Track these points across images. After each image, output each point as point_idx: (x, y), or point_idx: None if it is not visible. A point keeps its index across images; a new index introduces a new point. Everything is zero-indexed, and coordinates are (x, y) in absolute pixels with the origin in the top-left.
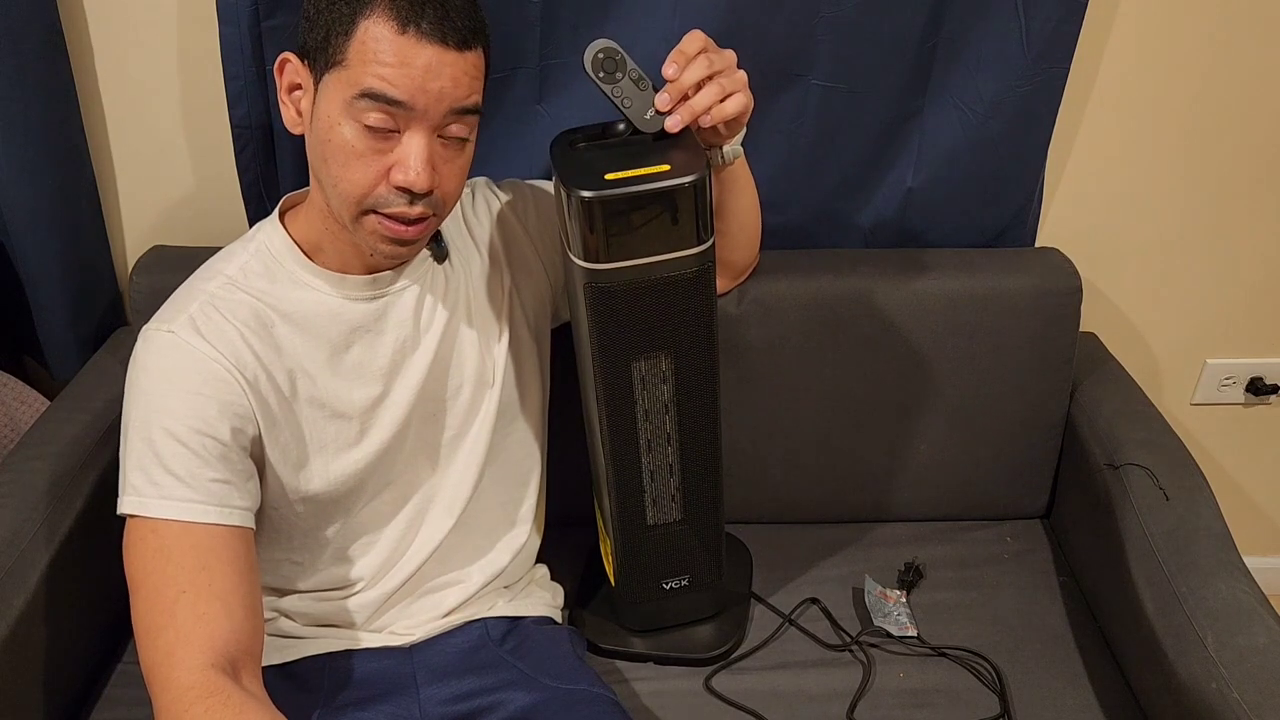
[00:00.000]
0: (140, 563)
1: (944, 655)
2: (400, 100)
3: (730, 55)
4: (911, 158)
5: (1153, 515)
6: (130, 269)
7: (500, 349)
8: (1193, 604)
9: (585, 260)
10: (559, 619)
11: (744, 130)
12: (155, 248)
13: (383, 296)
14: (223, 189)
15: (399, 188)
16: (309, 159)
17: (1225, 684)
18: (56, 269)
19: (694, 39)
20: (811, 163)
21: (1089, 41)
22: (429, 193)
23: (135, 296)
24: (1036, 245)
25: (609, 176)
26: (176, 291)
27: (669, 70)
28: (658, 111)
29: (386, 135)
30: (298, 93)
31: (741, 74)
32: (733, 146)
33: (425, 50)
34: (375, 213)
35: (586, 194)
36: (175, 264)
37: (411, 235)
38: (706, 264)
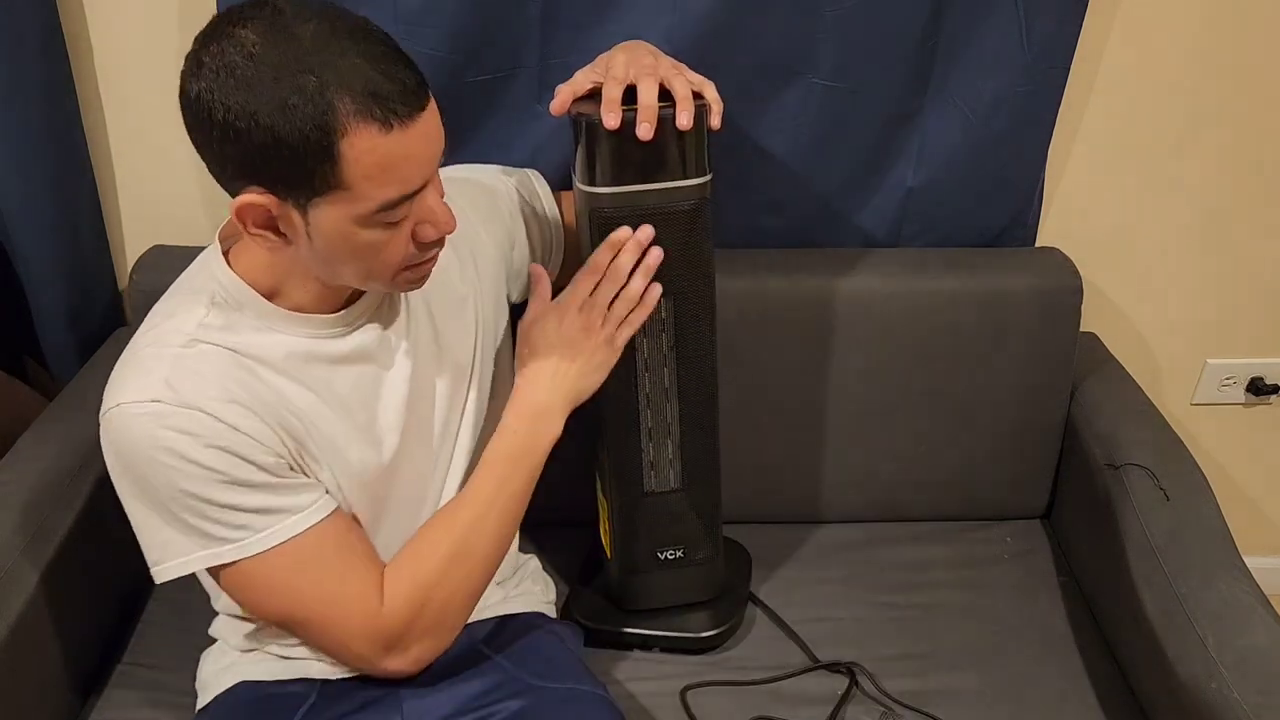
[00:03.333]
0: (282, 581)
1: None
2: (418, 189)
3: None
4: (911, 158)
5: (1153, 515)
6: (130, 269)
7: (471, 344)
8: (1193, 604)
9: (589, 185)
10: (552, 614)
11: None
12: (155, 248)
13: (353, 330)
14: (222, 189)
15: (431, 242)
16: (307, 260)
17: (1225, 684)
18: (56, 269)
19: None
20: (811, 163)
21: (1089, 41)
22: None
23: (135, 296)
24: (1036, 245)
25: None
26: (129, 358)
27: (609, 120)
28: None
29: None
30: (269, 218)
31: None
32: None
33: (412, 130)
34: (409, 268)
35: (593, 116)
36: (175, 264)
37: (434, 263)
38: (703, 198)
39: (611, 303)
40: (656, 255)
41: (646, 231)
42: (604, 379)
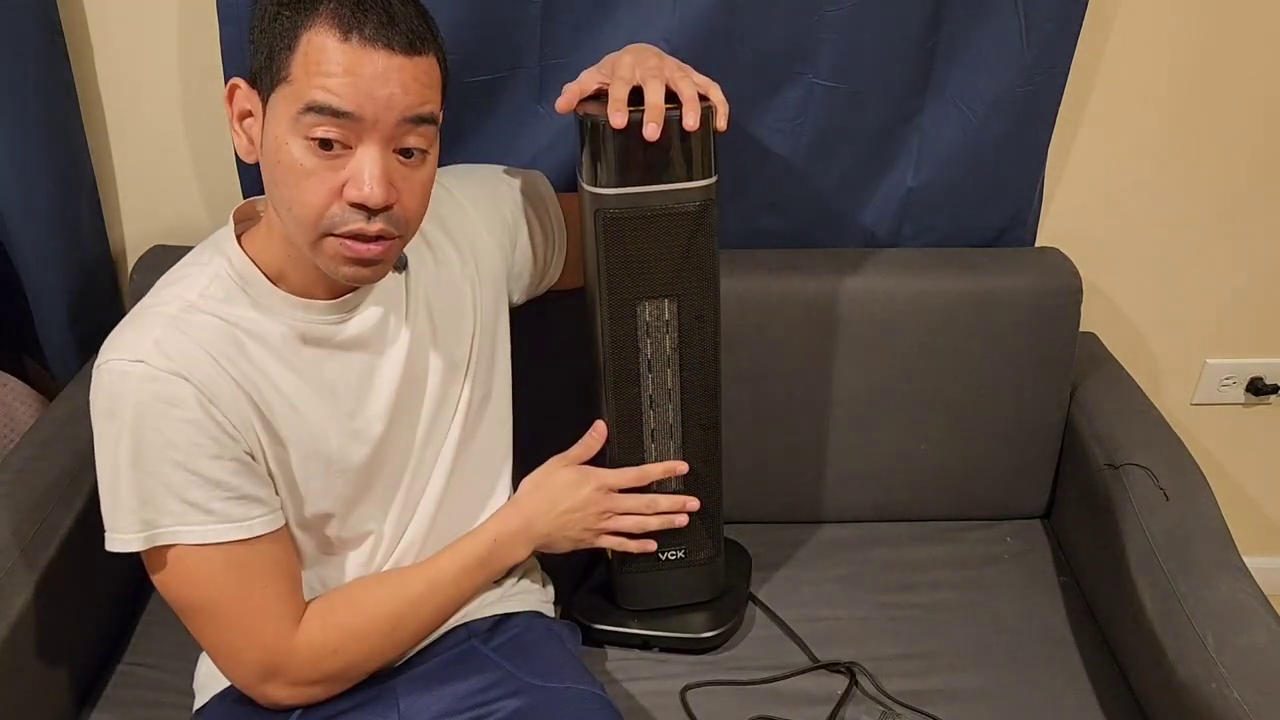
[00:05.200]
0: (205, 574)
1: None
2: (347, 111)
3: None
4: (911, 158)
5: (1153, 515)
6: (130, 269)
7: (466, 341)
8: (1193, 604)
9: (594, 185)
10: (551, 613)
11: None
12: (155, 248)
13: (351, 318)
14: (223, 189)
15: (354, 204)
16: (265, 186)
17: (1225, 684)
18: (56, 269)
19: (618, 84)
20: (811, 163)
21: (1089, 41)
22: (386, 208)
23: (135, 296)
24: (1036, 245)
25: None
26: (129, 319)
27: (616, 119)
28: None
29: (338, 153)
30: (249, 120)
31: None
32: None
33: (371, 56)
34: (333, 235)
35: (599, 117)
36: (175, 264)
37: (373, 254)
38: (709, 200)
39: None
40: (682, 521)
41: (694, 504)
42: (566, 549)
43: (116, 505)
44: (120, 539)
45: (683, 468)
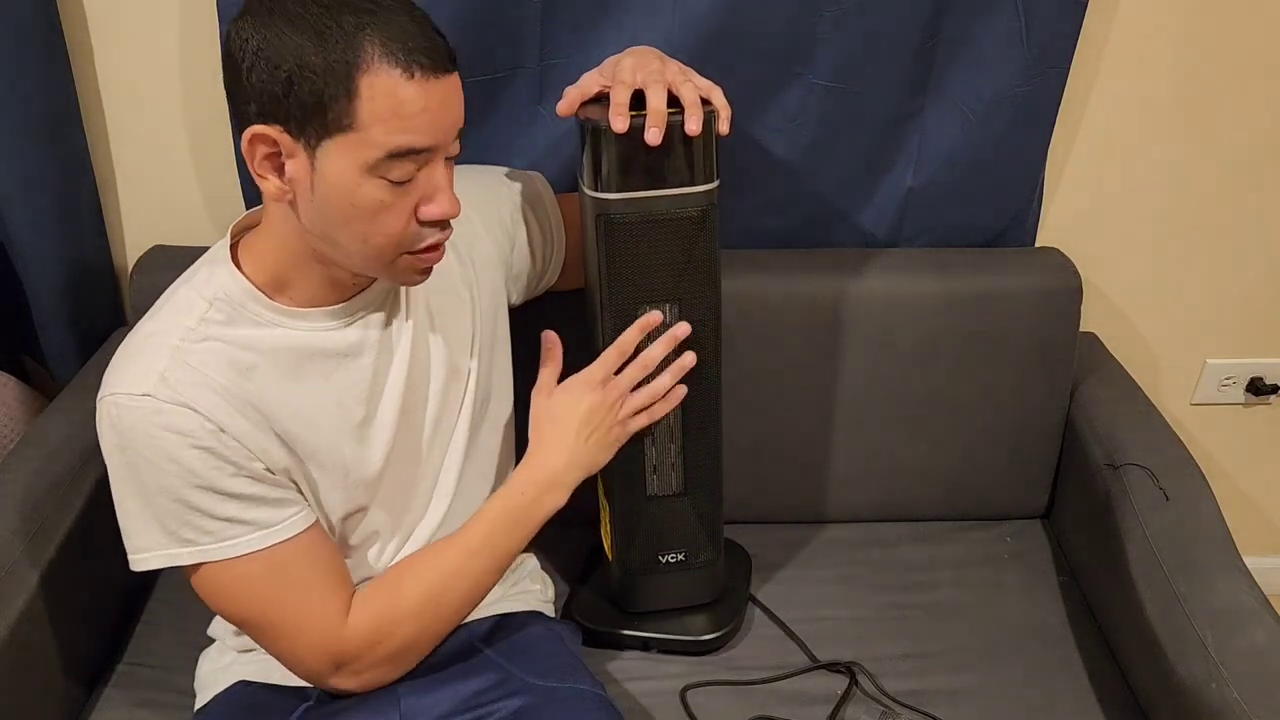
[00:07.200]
0: (244, 588)
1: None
2: (429, 146)
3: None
4: (911, 158)
5: (1153, 515)
6: (130, 269)
7: (468, 342)
8: (1193, 604)
9: (596, 190)
10: (551, 613)
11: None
12: (155, 248)
13: (354, 322)
14: (223, 189)
15: (432, 222)
16: (306, 221)
17: (1225, 684)
18: (56, 269)
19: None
20: (811, 163)
21: (1089, 41)
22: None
23: (135, 296)
24: (1036, 245)
25: None
26: (131, 346)
27: (617, 124)
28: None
29: (410, 177)
30: (277, 159)
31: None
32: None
33: (436, 86)
34: (409, 253)
35: (601, 121)
36: (175, 264)
37: (439, 257)
38: (711, 204)
39: (636, 387)
40: (690, 358)
41: (684, 328)
42: (612, 456)
43: (137, 529)
44: (143, 558)
45: (656, 317)
